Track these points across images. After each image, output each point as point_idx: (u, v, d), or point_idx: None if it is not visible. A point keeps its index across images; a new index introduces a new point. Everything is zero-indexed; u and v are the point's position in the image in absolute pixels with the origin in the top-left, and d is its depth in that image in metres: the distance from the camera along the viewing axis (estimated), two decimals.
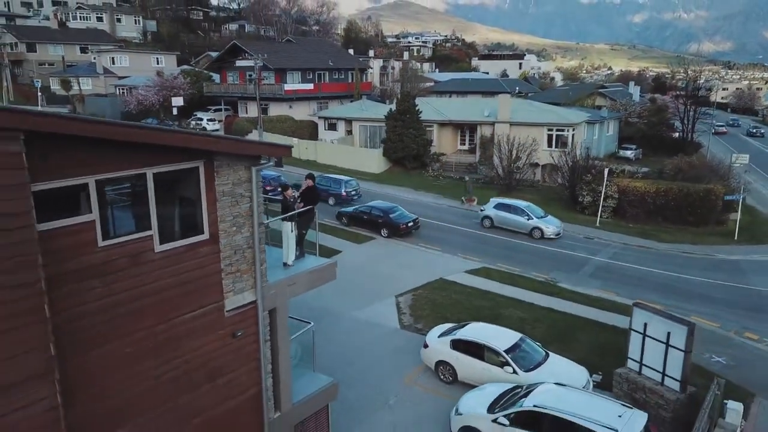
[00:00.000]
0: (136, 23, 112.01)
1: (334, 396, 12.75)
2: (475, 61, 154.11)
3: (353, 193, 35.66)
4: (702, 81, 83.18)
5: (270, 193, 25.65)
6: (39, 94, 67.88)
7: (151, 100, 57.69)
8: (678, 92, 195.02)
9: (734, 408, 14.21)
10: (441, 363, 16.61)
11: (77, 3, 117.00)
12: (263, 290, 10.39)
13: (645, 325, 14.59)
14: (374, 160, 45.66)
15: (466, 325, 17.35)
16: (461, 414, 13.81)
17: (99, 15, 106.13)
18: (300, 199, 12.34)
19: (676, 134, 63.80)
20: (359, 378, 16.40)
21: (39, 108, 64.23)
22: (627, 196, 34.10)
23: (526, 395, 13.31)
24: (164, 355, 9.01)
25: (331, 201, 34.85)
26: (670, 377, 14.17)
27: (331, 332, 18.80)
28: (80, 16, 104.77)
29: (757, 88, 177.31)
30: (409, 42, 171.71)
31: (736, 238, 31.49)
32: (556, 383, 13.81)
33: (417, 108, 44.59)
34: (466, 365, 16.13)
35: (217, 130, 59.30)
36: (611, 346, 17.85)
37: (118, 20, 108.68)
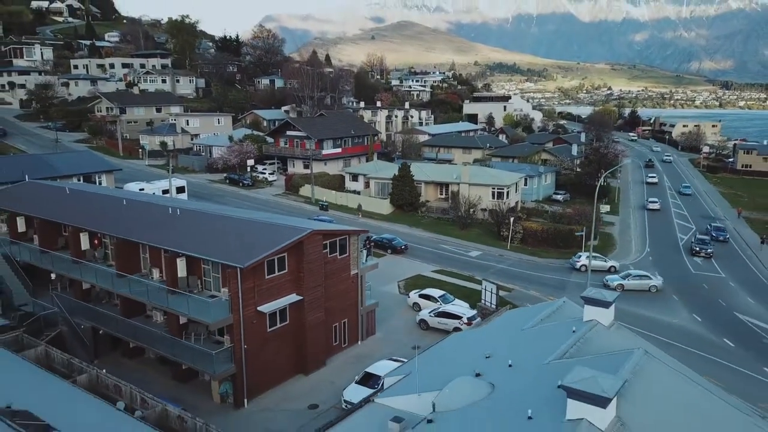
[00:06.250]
0: (190, 82, 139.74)
1: (377, 306, 39.12)
2: (466, 105, 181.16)
3: (403, 246, 56.68)
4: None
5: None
6: (144, 150, 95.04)
7: (232, 161, 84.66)
8: (645, 129, 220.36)
9: None
10: (415, 303, 43.02)
11: (140, 64, 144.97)
12: (359, 269, 36.78)
13: (485, 286, 41.00)
14: (384, 206, 72.18)
15: (425, 288, 43.90)
16: (420, 315, 40.19)
17: (163, 78, 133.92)
18: (367, 242, 38.90)
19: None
20: (383, 310, 42.45)
21: (146, 162, 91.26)
22: (528, 231, 60.53)
23: (441, 308, 39.81)
24: (338, 285, 35.36)
25: (389, 251, 55.93)
26: (492, 303, 40.52)
27: (372, 295, 45.08)
28: (149, 79, 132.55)
29: (713, 125, 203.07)
30: (410, 86, 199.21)
31: None
32: (451, 304, 40.40)
33: (411, 174, 71.24)
34: (424, 303, 42.46)
35: (275, 180, 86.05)
36: None
37: (177, 81, 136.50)
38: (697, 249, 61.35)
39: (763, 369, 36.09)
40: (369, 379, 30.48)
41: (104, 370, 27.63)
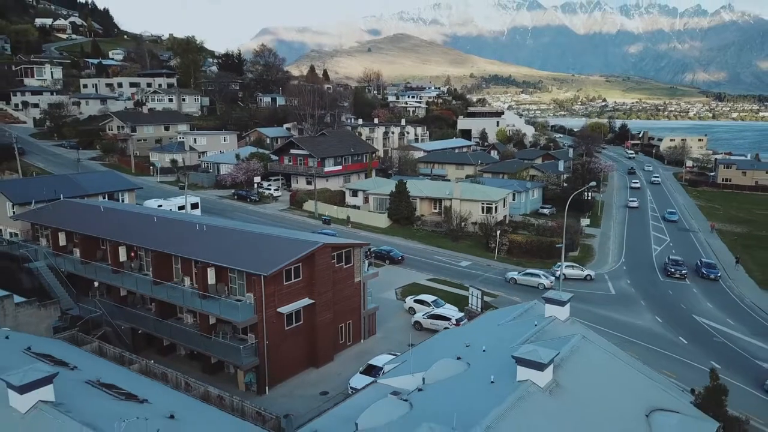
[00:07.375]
0: (195, 101, 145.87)
1: (377, 309, 44.85)
2: (460, 120, 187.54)
3: (400, 257, 62.53)
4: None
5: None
6: (154, 167, 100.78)
7: (240, 179, 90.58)
8: (634, 143, 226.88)
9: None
10: (410, 307, 48.76)
11: (147, 83, 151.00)
12: (362, 277, 42.55)
13: (471, 292, 46.79)
14: (382, 220, 78.00)
15: (419, 294, 49.67)
16: (414, 317, 45.95)
17: (170, 97, 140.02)
18: (369, 253, 44.67)
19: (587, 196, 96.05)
20: (383, 314, 48.06)
21: (157, 179, 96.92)
22: (513, 243, 66.38)
23: (433, 311, 45.59)
24: (344, 290, 41.11)
25: (387, 261, 61.39)
26: (477, 307, 46.28)
27: (372, 300, 50.78)
28: (157, 98, 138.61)
29: (699, 139, 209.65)
30: (406, 102, 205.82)
31: None
32: (443, 308, 46.21)
33: (407, 190, 77.18)
34: (419, 307, 48.21)
35: (280, 195, 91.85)
36: None
37: (183, 99, 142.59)
38: (672, 270, 61.40)
39: (710, 362, 41.80)
40: (371, 370, 36.10)
41: (152, 361, 33.24)
